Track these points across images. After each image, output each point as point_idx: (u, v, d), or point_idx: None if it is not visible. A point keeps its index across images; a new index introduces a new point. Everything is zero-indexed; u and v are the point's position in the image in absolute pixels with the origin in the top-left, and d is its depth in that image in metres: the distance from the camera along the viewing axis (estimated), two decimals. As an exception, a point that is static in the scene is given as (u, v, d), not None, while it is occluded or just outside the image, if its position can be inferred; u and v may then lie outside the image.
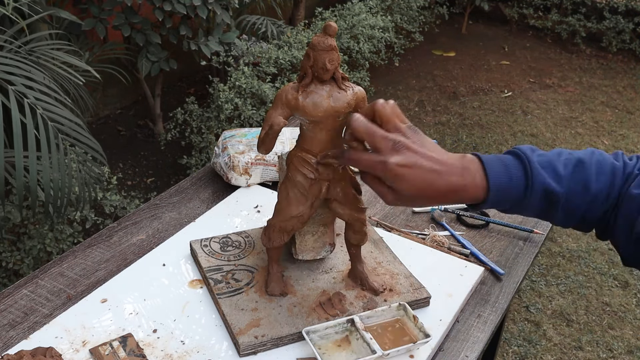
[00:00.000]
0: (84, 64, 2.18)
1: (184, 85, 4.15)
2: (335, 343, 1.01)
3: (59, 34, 2.68)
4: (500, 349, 2.32)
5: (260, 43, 3.49)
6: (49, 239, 2.27)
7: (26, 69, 1.86)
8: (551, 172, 0.84)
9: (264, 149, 0.97)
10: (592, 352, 2.36)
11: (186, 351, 1.00)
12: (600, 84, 4.63)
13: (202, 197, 1.41)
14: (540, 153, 0.86)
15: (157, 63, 3.05)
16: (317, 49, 0.92)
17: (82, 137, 1.93)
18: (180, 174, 3.25)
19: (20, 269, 2.20)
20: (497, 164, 0.84)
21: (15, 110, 1.73)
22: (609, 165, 0.86)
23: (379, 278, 1.13)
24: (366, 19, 3.90)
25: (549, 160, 0.85)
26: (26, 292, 1.12)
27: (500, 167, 0.83)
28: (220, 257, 1.17)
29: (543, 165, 0.84)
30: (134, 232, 1.28)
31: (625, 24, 4.98)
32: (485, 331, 1.10)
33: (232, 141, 1.47)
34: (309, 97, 0.95)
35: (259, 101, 3.08)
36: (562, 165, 0.85)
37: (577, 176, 0.85)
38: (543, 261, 2.81)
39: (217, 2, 2.99)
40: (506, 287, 1.20)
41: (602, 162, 0.86)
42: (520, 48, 5.18)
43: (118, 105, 3.82)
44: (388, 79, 4.50)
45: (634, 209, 0.82)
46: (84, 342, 1.00)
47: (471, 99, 4.31)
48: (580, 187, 0.85)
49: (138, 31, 2.95)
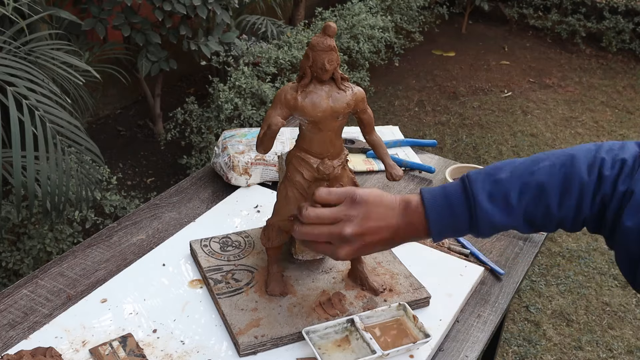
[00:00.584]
0: (84, 64, 2.18)
1: (183, 85, 4.15)
2: (335, 343, 1.01)
3: (58, 34, 2.68)
4: (500, 349, 2.32)
5: (260, 43, 3.49)
6: (49, 239, 2.27)
7: (25, 69, 1.86)
8: (502, 204, 0.83)
9: (262, 149, 0.97)
10: (592, 352, 2.36)
11: (186, 351, 1.00)
12: (600, 84, 4.63)
13: (202, 197, 1.41)
14: (496, 179, 0.84)
15: (157, 63, 3.05)
16: (316, 49, 0.92)
17: (80, 140, 1.93)
18: (180, 174, 3.25)
19: (20, 269, 2.20)
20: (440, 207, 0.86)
21: (14, 109, 1.73)
22: (576, 185, 0.81)
23: (379, 278, 1.13)
24: (366, 19, 3.90)
25: (502, 191, 0.83)
26: (26, 292, 1.12)
27: (444, 211, 0.86)
28: (220, 257, 1.17)
29: (493, 196, 0.83)
30: (134, 232, 1.28)
31: (625, 23, 4.98)
32: (485, 331, 1.10)
33: (232, 141, 1.47)
34: (308, 98, 0.95)
35: (259, 101, 3.08)
36: (516, 194, 0.82)
37: (535, 204, 0.83)
38: (543, 261, 2.81)
39: (217, 2, 2.99)
40: (506, 287, 1.20)
41: (569, 180, 0.81)
42: (520, 48, 5.18)
43: (118, 105, 3.82)
44: (388, 79, 4.50)
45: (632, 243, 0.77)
46: (83, 342, 1.00)
47: (471, 99, 4.31)
48: (540, 213, 0.83)
49: (138, 31, 2.95)
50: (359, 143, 1.59)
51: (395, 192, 1.47)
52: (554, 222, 0.84)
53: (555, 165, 0.82)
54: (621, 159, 0.80)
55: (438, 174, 1.54)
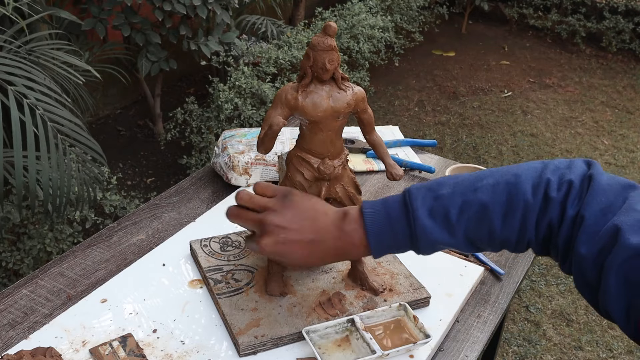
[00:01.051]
0: (84, 64, 2.18)
1: (183, 85, 4.15)
2: (335, 343, 1.01)
3: (58, 34, 2.68)
4: (500, 349, 2.32)
5: (260, 43, 3.49)
6: (49, 239, 2.27)
7: (26, 68, 1.86)
8: (442, 221, 0.80)
9: (263, 149, 0.97)
10: (592, 352, 2.36)
11: (186, 351, 1.00)
12: (600, 83, 4.63)
13: (202, 197, 1.41)
14: (437, 195, 0.81)
15: (157, 63, 3.05)
16: (316, 49, 0.92)
17: (81, 138, 1.93)
18: (180, 174, 3.25)
19: (20, 268, 2.20)
20: (378, 221, 0.83)
21: (15, 109, 1.73)
22: (520, 206, 0.77)
23: (379, 278, 1.13)
24: (366, 19, 3.90)
25: (442, 207, 0.80)
26: (26, 292, 1.12)
27: (383, 225, 0.83)
28: (220, 257, 1.17)
29: (434, 213, 0.80)
30: (134, 232, 1.28)
31: (625, 23, 4.98)
32: (485, 331, 1.10)
33: (232, 141, 1.47)
34: (308, 97, 0.95)
35: (259, 101, 3.08)
36: (456, 211, 0.79)
37: (476, 223, 0.79)
38: (543, 261, 2.81)
39: (217, 2, 2.99)
40: (506, 287, 1.20)
41: (513, 201, 0.78)
42: (520, 48, 5.18)
43: (118, 105, 3.82)
44: (388, 79, 4.51)
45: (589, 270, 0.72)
46: (83, 342, 1.00)
47: (471, 99, 4.31)
48: (484, 233, 0.80)
49: (138, 31, 2.95)
50: (359, 143, 1.59)
51: (395, 192, 1.47)
52: (496, 243, 0.81)
53: (499, 183, 0.79)
54: (568, 180, 0.77)
55: (438, 174, 1.54)
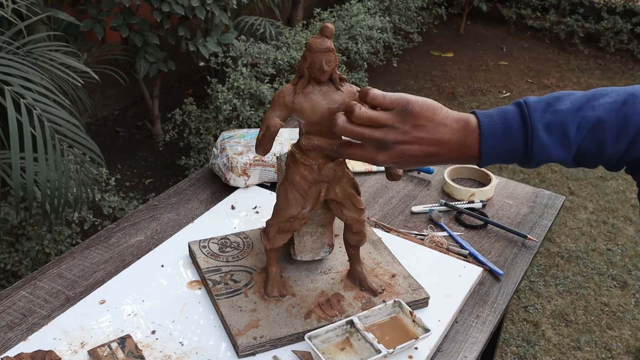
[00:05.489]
0: (82, 65, 2.18)
1: (182, 86, 4.15)
2: (338, 346, 1.01)
3: (57, 35, 2.68)
4: (499, 350, 2.32)
5: (259, 44, 3.49)
6: (47, 240, 2.26)
7: (23, 69, 1.86)
8: (559, 136, 0.80)
9: (261, 151, 0.97)
10: (590, 352, 2.36)
11: (185, 352, 1.00)
12: (599, 84, 4.63)
13: (201, 198, 1.41)
14: (554, 110, 0.81)
15: (156, 64, 3.05)
16: (314, 51, 0.92)
17: (79, 139, 1.93)
18: (179, 175, 3.25)
19: (19, 270, 2.20)
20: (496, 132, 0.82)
21: (12, 110, 1.73)
22: (634, 126, 0.79)
23: (378, 279, 1.13)
24: (364, 20, 3.90)
25: (561, 123, 0.80)
26: (24, 293, 1.11)
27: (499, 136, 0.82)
28: (219, 258, 1.17)
29: (551, 128, 0.80)
30: (133, 233, 1.28)
31: (623, 24, 4.98)
32: (484, 332, 1.10)
33: (231, 142, 1.46)
34: (306, 99, 0.95)
35: (258, 102, 3.08)
36: (574, 128, 0.80)
37: (590, 140, 0.80)
38: (541, 261, 2.81)
39: (215, 3, 2.99)
40: (505, 288, 1.20)
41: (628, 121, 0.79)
42: (519, 48, 5.18)
43: (116, 106, 3.82)
44: (386, 79, 4.51)
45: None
46: (82, 344, 1.00)
47: (469, 100, 4.31)
48: (593, 150, 0.81)
49: (136, 32, 2.95)
50: (358, 144, 1.59)
51: (393, 192, 1.47)
52: (601, 160, 0.82)
53: (617, 102, 0.80)
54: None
55: (437, 174, 1.54)
